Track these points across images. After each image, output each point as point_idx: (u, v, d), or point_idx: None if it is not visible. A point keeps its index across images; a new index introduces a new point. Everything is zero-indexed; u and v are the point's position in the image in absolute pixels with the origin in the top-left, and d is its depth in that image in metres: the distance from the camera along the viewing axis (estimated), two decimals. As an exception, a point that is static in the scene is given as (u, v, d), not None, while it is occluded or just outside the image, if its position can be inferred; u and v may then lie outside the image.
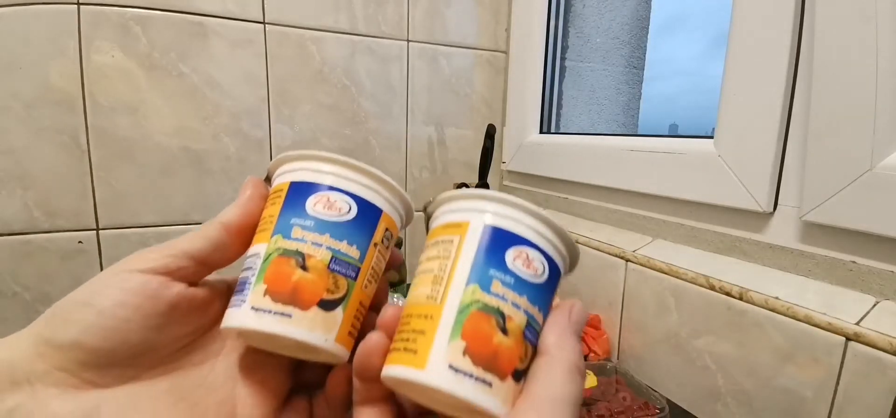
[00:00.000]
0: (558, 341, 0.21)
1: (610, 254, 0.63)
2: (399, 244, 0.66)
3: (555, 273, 0.22)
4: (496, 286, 0.20)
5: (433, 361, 0.19)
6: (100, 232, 0.69)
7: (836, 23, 0.40)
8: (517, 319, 0.20)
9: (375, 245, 0.23)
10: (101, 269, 0.70)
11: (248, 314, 0.21)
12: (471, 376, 0.19)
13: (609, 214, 0.70)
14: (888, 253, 0.39)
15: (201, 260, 0.23)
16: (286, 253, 0.22)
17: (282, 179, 0.24)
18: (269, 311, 0.21)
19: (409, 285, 0.71)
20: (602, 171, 0.69)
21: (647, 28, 0.97)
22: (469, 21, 0.89)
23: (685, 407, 0.53)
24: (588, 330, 0.64)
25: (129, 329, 0.21)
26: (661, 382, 0.56)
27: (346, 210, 0.22)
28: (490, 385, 0.19)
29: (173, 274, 0.22)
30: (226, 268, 0.25)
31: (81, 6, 0.63)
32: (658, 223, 0.61)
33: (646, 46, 0.98)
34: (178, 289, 0.22)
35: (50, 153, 0.65)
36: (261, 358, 0.25)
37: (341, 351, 0.22)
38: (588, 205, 0.74)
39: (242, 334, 0.23)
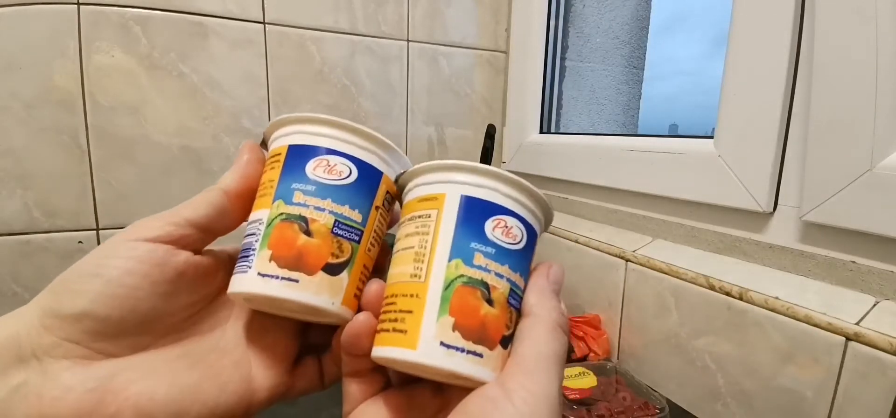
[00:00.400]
0: (539, 301, 0.21)
1: (610, 254, 0.63)
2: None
3: (532, 237, 0.22)
4: (478, 258, 0.20)
5: (424, 340, 0.19)
6: (100, 232, 0.69)
7: (836, 23, 0.40)
8: (501, 288, 0.21)
9: (377, 208, 0.24)
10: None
11: (255, 280, 0.21)
12: (462, 350, 0.19)
13: (609, 214, 0.70)
14: (888, 253, 0.39)
15: (204, 227, 0.23)
16: (289, 218, 0.22)
17: (279, 143, 0.24)
18: (276, 277, 0.21)
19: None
20: (602, 171, 0.69)
21: (647, 28, 0.97)
22: (469, 21, 0.89)
23: (685, 407, 0.53)
24: (588, 330, 0.64)
25: (138, 297, 0.21)
26: (661, 382, 0.56)
27: (346, 174, 0.22)
28: (481, 356, 0.20)
29: (178, 242, 0.22)
30: (227, 236, 0.25)
31: (81, 6, 0.63)
32: (658, 223, 0.61)
33: (646, 46, 0.98)
34: (185, 256, 0.22)
35: (50, 153, 0.65)
36: (269, 323, 0.25)
37: (347, 313, 0.23)
38: (588, 205, 0.74)
39: (249, 300, 0.23)
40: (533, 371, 0.20)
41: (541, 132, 0.90)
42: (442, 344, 0.19)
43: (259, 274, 0.21)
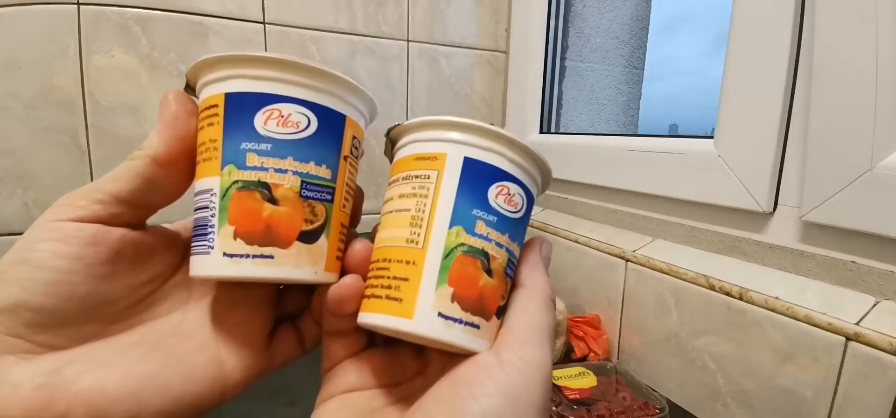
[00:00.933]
0: (533, 274, 0.22)
1: (610, 254, 0.63)
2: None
3: (530, 203, 0.22)
4: (480, 227, 0.19)
5: (421, 310, 0.18)
6: (100, 232, 0.69)
7: (836, 23, 0.40)
8: (500, 258, 0.20)
9: (345, 158, 0.21)
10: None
11: (222, 261, 0.19)
12: (460, 321, 0.19)
13: (609, 214, 0.70)
14: (888, 253, 0.39)
15: (134, 201, 0.20)
16: (247, 185, 0.19)
17: (212, 90, 0.20)
18: (247, 256, 0.18)
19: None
20: (602, 171, 0.69)
21: (647, 28, 0.97)
22: (469, 21, 0.89)
23: (685, 407, 0.53)
24: (588, 330, 0.64)
25: (73, 281, 0.18)
26: (661, 382, 0.56)
27: (304, 125, 0.19)
28: (478, 327, 0.19)
29: (108, 221, 0.20)
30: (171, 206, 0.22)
31: (81, 6, 0.63)
32: (658, 223, 0.61)
33: (646, 46, 0.98)
34: (120, 233, 0.20)
35: (50, 153, 0.65)
36: (237, 296, 0.23)
37: (332, 278, 0.21)
38: (588, 205, 0.74)
39: (219, 281, 0.21)
40: (527, 342, 0.20)
41: (541, 132, 0.90)
42: (440, 314, 0.18)
43: (225, 254, 0.18)
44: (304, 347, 0.25)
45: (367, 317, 0.20)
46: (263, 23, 0.73)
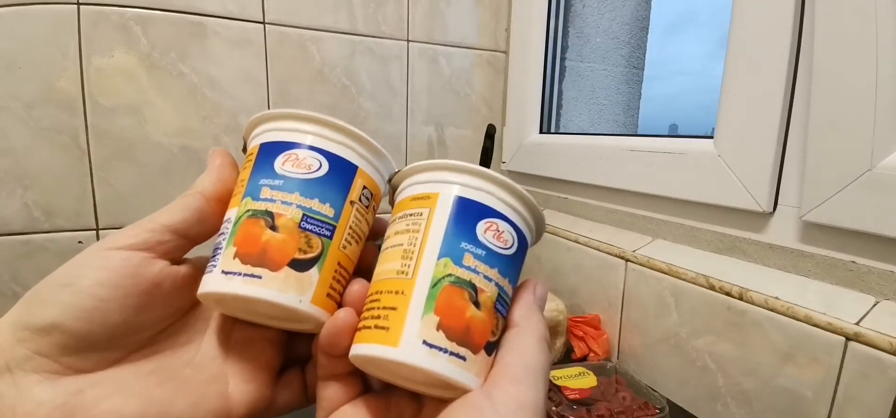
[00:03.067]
0: (527, 314, 0.21)
1: (610, 254, 0.63)
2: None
3: (523, 244, 0.22)
4: (468, 259, 0.20)
5: (407, 338, 0.19)
6: (100, 232, 0.69)
7: (836, 23, 0.40)
8: (489, 292, 0.20)
9: (352, 202, 0.22)
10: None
11: (219, 278, 0.20)
12: (445, 351, 0.19)
13: (609, 214, 0.70)
14: (888, 253, 0.39)
15: (183, 232, 0.22)
16: (255, 214, 0.21)
17: (253, 143, 0.23)
18: (238, 273, 0.20)
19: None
20: (602, 171, 0.69)
21: (647, 28, 0.97)
22: (469, 21, 0.89)
23: (685, 407, 0.53)
24: (588, 330, 0.64)
25: (109, 309, 0.20)
26: (661, 382, 0.56)
27: (315, 167, 0.21)
28: (464, 359, 0.19)
29: (155, 249, 0.21)
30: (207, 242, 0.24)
31: (81, 6, 0.63)
32: (658, 223, 0.61)
33: (646, 46, 0.98)
34: (160, 265, 0.22)
35: (50, 153, 0.65)
36: (249, 335, 0.24)
37: (320, 313, 0.21)
38: (588, 205, 0.74)
39: (219, 301, 0.22)
40: (521, 380, 0.19)
41: (541, 132, 0.90)
42: (425, 342, 0.18)
43: (223, 272, 0.20)
44: (307, 395, 0.26)
45: (355, 349, 0.20)
46: (263, 23, 0.73)
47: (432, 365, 0.18)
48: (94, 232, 0.68)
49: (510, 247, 0.21)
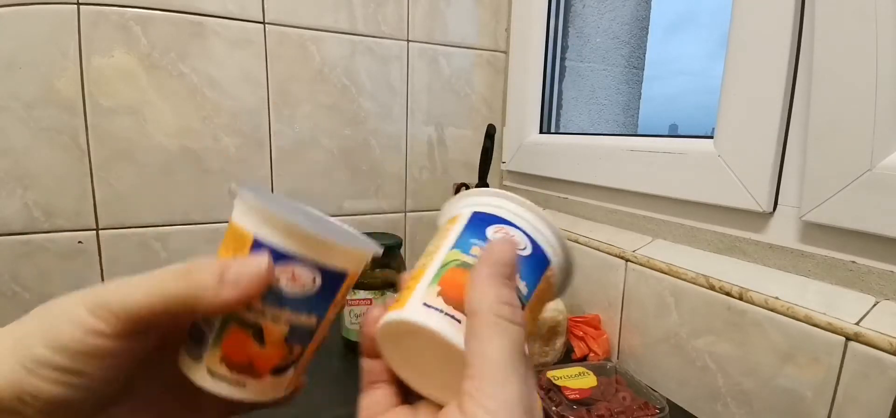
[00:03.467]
0: (476, 295, 0.19)
1: (610, 254, 0.63)
2: (399, 245, 0.66)
3: (539, 253, 0.23)
4: (475, 249, 0.22)
5: (411, 303, 0.21)
6: (99, 232, 0.69)
7: (836, 23, 0.40)
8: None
9: (335, 304, 0.23)
10: (101, 269, 0.70)
11: (205, 376, 0.21)
12: (440, 311, 0.20)
13: (609, 214, 0.70)
14: (888, 253, 0.39)
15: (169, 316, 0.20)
16: (244, 324, 0.21)
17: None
18: (226, 379, 0.21)
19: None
20: (602, 171, 0.69)
21: (647, 28, 0.97)
22: (469, 21, 0.89)
23: (685, 407, 0.53)
24: (588, 330, 0.64)
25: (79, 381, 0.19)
26: (661, 382, 0.56)
27: (310, 284, 0.21)
28: (459, 321, 0.20)
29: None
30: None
31: (81, 6, 0.63)
32: (658, 223, 0.61)
33: (646, 46, 0.98)
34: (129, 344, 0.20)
35: (50, 153, 0.65)
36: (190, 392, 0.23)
37: (288, 393, 0.24)
38: (588, 205, 0.74)
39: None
40: (484, 381, 0.17)
41: (541, 132, 0.90)
42: (424, 304, 0.21)
43: (210, 372, 0.21)
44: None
45: (377, 324, 0.22)
46: (263, 23, 0.73)
47: (427, 321, 0.20)
48: (94, 232, 0.68)
49: (523, 249, 0.23)
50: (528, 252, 0.23)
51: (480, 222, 0.23)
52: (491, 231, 0.23)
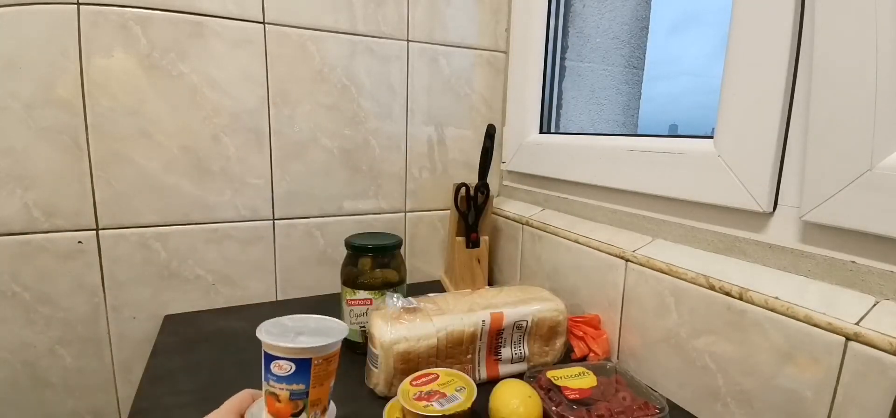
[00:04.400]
0: None
1: (610, 254, 0.63)
2: (399, 245, 0.66)
3: (299, 361, 0.37)
4: (270, 382, 0.37)
5: None
6: (99, 232, 0.69)
7: (836, 22, 0.40)
8: (282, 395, 0.37)
9: (314, 374, 0.37)
10: (101, 269, 0.70)
11: None
12: None
13: (609, 214, 0.70)
14: (888, 253, 0.39)
15: None
16: (270, 393, 0.37)
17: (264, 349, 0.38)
18: None
19: (407, 285, 0.71)
20: (602, 171, 0.69)
21: (647, 28, 0.97)
22: (469, 21, 0.89)
23: (685, 407, 0.53)
24: (588, 330, 0.64)
25: None
26: (661, 382, 0.56)
27: (289, 370, 0.37)
28: None
29: None
30: None
31: (81, 6, 0.63)
32: (658, 223, 0.61)
33: (646, 46, 0.98)
34: None
35: (50, 153, 0.65)
36: None
37: None
38: (588, 205, 0.74)
39: None
40: None
41: (541, 132, 0.90)
42: None
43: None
44: None
45: None
46: (263, 23, 0.73)
47: None
48: (94, 232, 0.68)
49: (288, 372, 0.37)
50: (293, 369, 0.36)
51: (266, 358, 0.37)
52: (273, 366, 0.37)
